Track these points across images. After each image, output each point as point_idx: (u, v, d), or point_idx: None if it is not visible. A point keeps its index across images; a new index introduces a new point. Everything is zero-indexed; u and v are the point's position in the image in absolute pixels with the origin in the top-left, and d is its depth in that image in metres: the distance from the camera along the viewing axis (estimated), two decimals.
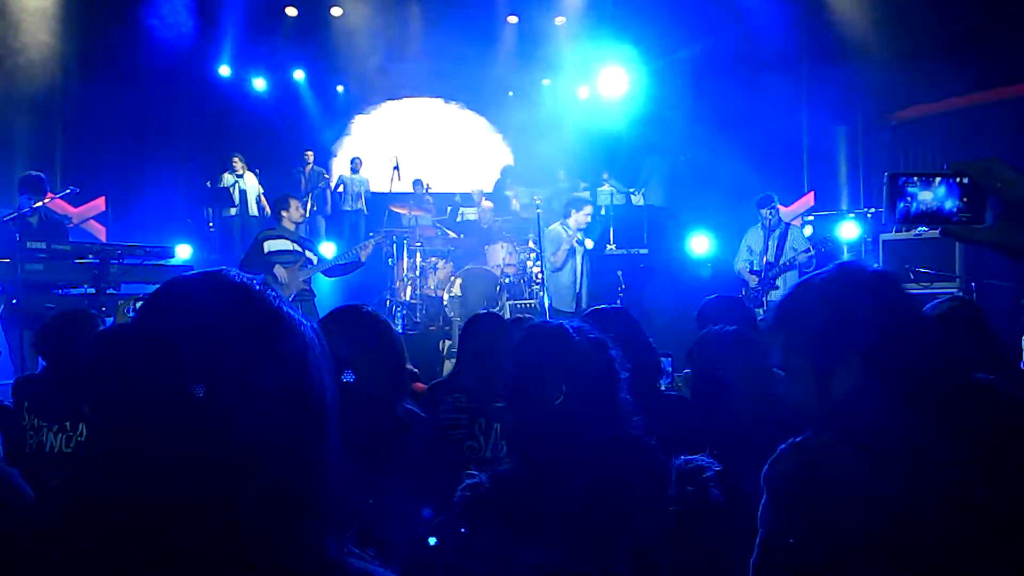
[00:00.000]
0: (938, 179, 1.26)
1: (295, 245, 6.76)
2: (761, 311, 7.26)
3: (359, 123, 13.87)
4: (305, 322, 1.04)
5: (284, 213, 6.80)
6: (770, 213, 7.74)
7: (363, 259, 7.06)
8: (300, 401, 1.00)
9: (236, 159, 11.83)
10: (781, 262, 7.59)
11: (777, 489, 1.51)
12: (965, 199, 1.25)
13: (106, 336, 2.70)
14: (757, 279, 7.71)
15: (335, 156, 13.14)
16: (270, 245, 6.68)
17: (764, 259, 7.70)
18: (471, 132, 14.49)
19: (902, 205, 1.28)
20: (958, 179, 1.25)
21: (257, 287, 1.02)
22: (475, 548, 1.59)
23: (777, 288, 7.60)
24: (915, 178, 1.27)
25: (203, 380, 0.93)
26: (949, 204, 1.26)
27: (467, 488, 1.69)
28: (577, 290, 7.67)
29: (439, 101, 14.28)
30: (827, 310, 1.53)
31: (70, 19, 9.55)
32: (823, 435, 1.51)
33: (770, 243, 7.69)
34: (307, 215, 10.53)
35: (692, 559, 1.54)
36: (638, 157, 12.02)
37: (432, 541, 1.65)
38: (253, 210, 12.12)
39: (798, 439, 1.54)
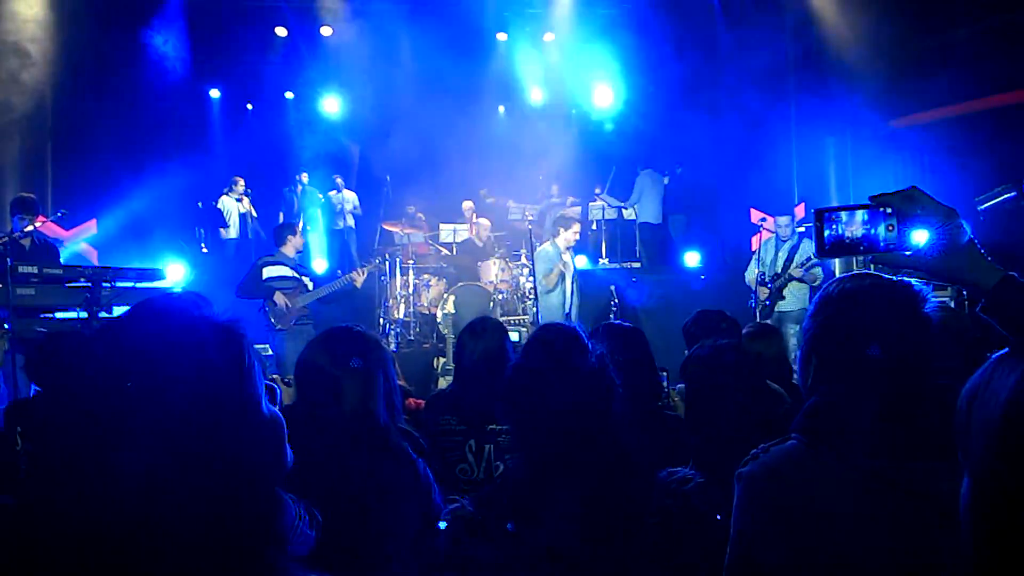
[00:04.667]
0: (862, 211, 1.35)
1: (293, 272, 6.85)
2: (769, 322, 7.26)
3: (348, 139, 13.85)
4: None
5: (290, 238, 6.88)
6: (788, 222, 7.79)
7: (358, 285, 7.08)
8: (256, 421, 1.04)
9: (239, 181, 11.74)
10: (787, 273, 7.62)
11: (742, 488, 1.55)
12: (890, 228, 1.31)
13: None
14: (768, 290, 7.72)
15: (334, 175, 13.10)
16: (269, 271, 6.76)
17: (773, 270, 7.75)
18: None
19: (828, 233, 1.37)
20: (882, 209, 1.32)
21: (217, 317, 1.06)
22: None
23: (784, 299, 7.63)
24: (841, 212, 1.36)
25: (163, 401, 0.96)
26: (875, 233, 1.33)
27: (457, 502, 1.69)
28: (567, 310, 7.67)
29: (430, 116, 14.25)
30: (819, 308, 1.61)
31: (62, 39, 9.55)
32: (790, 440, 1.56)
33: (780, 254, 7.72)
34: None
35: (679, 572, 1.56)
36: (630, 171, 12.06)
37: (442, 525, 1.64)
38: (250, 233, 12.08)
39: (772, 442, 1.58)
